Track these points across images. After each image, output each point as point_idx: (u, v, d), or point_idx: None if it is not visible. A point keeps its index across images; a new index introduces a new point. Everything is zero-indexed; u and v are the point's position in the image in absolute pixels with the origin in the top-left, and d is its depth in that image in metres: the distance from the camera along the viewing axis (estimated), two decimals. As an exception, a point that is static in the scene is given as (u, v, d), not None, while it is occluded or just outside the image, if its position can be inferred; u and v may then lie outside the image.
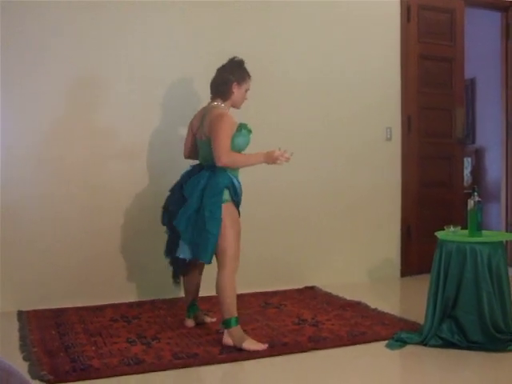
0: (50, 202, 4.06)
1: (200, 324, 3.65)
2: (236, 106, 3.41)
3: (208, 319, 3.72)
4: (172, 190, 3.51)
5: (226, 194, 3.20)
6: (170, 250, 3.44)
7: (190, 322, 3.64)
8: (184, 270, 3.57)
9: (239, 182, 3.31)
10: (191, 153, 3.59)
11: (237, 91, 3.33)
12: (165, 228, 3.56)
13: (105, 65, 4.21)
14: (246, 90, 3.39)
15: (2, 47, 3.91)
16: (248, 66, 3.41)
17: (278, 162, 3.17)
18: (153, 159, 4.35)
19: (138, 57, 4.30)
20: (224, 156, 3.11)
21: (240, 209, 3.35)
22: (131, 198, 4.25)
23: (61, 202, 4.08)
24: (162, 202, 4.00)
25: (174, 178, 3.54)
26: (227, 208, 3.18)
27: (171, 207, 3.39)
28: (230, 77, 3.31)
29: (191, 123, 3.52)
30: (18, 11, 3.95)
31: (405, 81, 5.16)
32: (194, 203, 3.18)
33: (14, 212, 3.96)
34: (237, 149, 3.23)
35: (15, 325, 3.63)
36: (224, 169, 3.20)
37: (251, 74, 3.42)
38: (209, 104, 3.40)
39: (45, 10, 4.02)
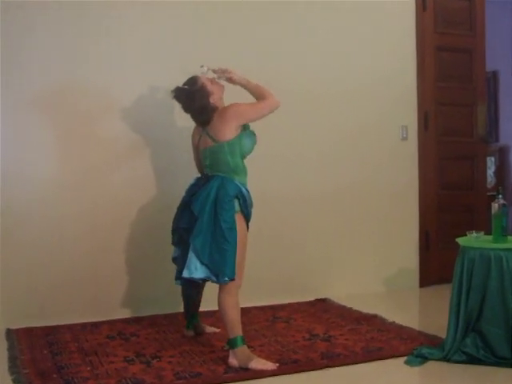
0: (43, 219, 4.03)
1: (200, 334, 3.69)
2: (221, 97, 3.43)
3: (208, 329, 3.76)
4: (180, 208, 3.43)
5: (236, 205, 3.20)
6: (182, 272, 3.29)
7: (189, 333, 3.69)
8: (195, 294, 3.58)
9: (248, 191, 3.32)
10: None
11: (215, 98, 3.29)
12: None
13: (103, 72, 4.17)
14: (219, 86, 3.36)
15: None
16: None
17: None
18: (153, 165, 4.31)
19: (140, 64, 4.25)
20: (272, 97, 3.28)
21: (250, 222, 3.36)
22: (126, 214, 4.22)
23: (54, 219, 4.06)
24: (157, 216, 4.13)
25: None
26: (238, 219, 3.19)
27: (182, 225, 3.31)
28: (201, 103, 3.25)
29: (193, 137, 3.51)
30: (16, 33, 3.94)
31: (421, 75, 5.08)
32: (207, 217, 3.14)
33: (6, 229, 3.93)
34: (244, 150, 3.28)
35: (3, 344, 3.59)
36: (231, 178, 3.23)
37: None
38: None
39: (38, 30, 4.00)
